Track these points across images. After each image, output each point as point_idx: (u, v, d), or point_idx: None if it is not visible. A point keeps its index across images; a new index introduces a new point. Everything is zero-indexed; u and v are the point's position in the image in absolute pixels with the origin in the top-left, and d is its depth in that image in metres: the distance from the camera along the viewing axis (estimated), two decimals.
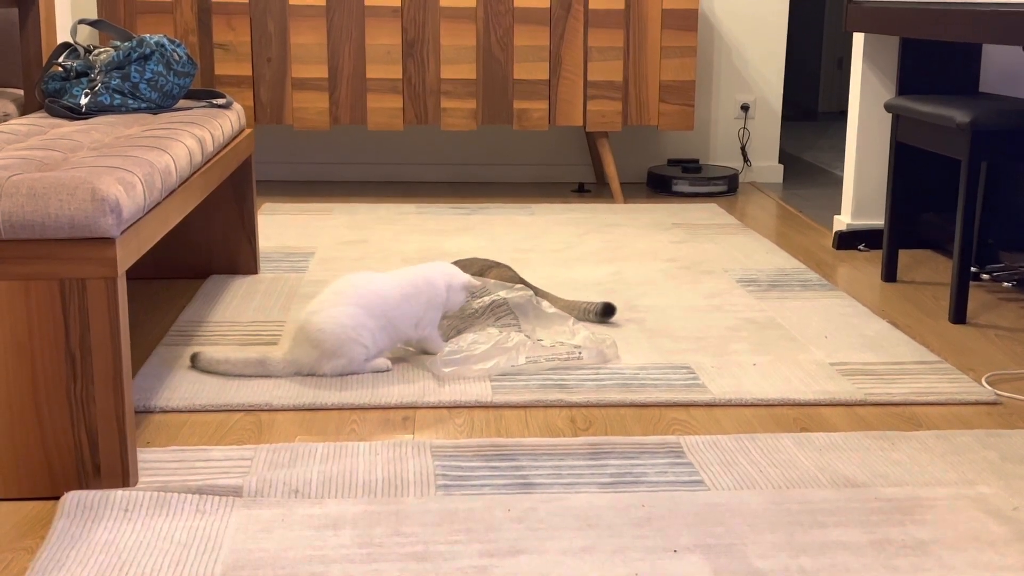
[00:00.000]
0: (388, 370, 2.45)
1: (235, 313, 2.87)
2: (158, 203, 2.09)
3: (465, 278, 2.54)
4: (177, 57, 2.85)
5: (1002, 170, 3.41)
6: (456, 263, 2.72)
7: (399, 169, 4.99)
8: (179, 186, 2.27)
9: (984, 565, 1.66)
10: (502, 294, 2.65)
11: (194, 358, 2.46)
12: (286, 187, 4.78)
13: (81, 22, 3.04)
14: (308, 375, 2.41)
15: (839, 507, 1.84)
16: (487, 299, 2.70)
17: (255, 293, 3.06)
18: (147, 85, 2.80)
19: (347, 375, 2.42)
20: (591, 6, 4.32)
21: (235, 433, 2.14)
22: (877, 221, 3.73)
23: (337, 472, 1.94)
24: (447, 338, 2.55)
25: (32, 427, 1.82)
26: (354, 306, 2.41)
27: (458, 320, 2.62)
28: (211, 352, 2.45)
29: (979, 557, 1.68)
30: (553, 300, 2.83)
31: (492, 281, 2.69)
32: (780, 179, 5.08)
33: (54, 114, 2.71)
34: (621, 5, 4.33)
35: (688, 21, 4.38)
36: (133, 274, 3.23)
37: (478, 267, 2.81)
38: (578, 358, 2.49)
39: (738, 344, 2.67)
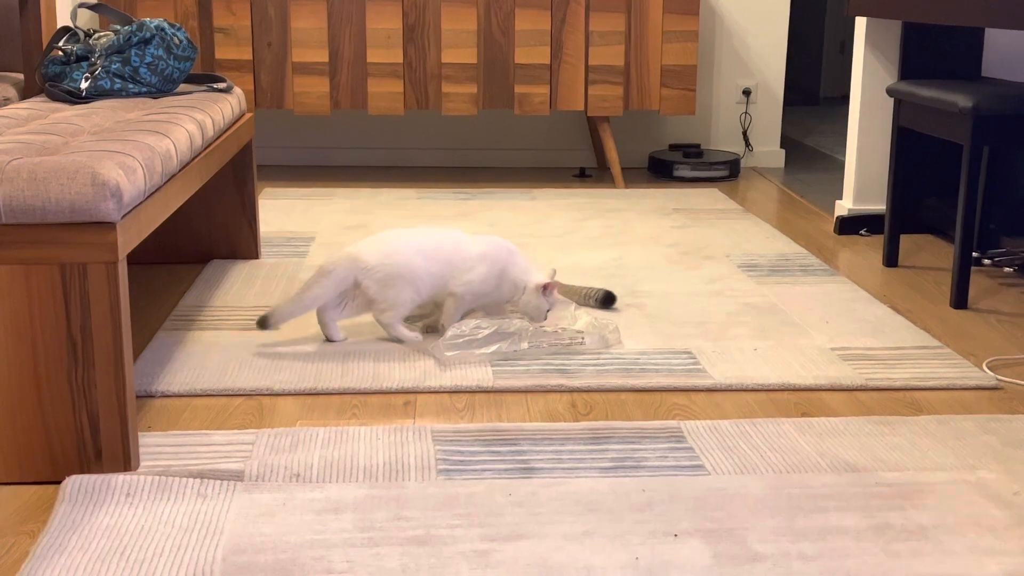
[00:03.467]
0: (418, 340, 2.50)
1: (236, 298, 2.87)
2: (159, 188, 2.09)
3: (537, 280, 2.53)
4: (177, 41, 2.85)
5: (1004, 155, 3.40)
6: None
7: (400, 154, 4.98)
8: (180, 171, 2.27)
9: (984, 550, 1.66)
10: None
11: (263, 321, 2.48)
12: (287, 172, 4.78)
13: (81, 6, 3.03)
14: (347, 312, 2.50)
15: (839, 492, 1.84)
16: None
17: (256, 278, 3.06)
18: (147, 69, 2.79)
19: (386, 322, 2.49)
20: None
21: (236, 417, 2.14)
22: (879, 206, 3.73)
23: (338, 457, 1.94)
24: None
25: (33, 412, 1.83)
26: (414, 250, 2.49)
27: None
28: (278, 311, 2.48)
29: (979, 542, 1.68)
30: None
31: None
32: (782, 164, 5.08)
33: (54, 98, 2.71)
34: None
35: (690, 5, 4.37)
36: (134, 259, 3.23)
37: None
38: (580, 343, 2.49)
39: (739, 329, 2.67)
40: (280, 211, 3.94)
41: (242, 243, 3.24)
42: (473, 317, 2.56)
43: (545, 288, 2.52)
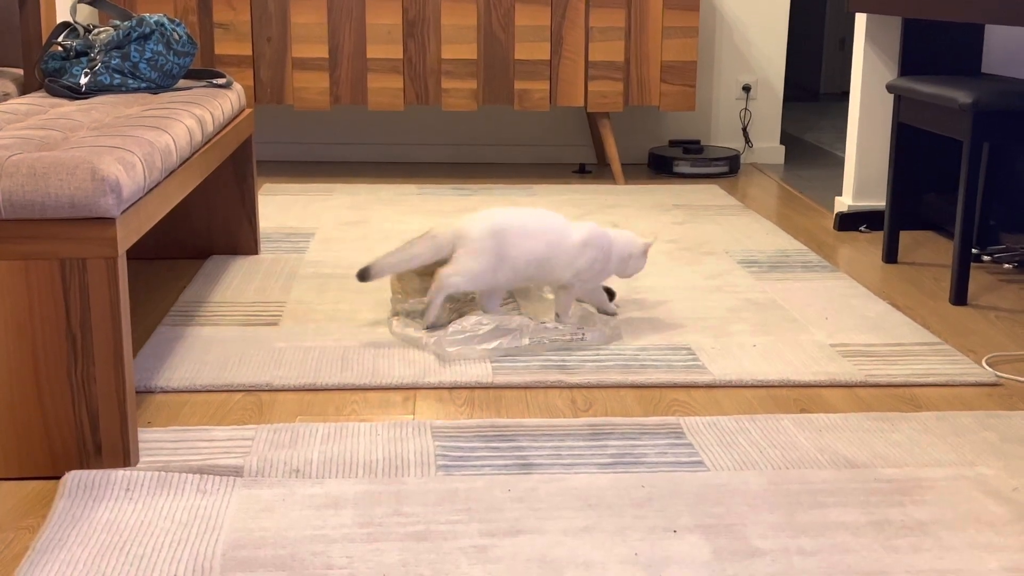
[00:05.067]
0: (438, 326, 2.52)
1: (236, 293, 2.87)
2: (158, 183, 2.09)
3: (645, 242, 2.64)
4: (177, 36, 2.84)
5: (1004, 151, 3.40)
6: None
7: (400, 149, 4.98)
8: (179, 166, 2.27)
9: (983, 545, 1.66)
10: None
11: (363, 273, 2.50)
12: (286, 167, 4.78)
13: (80, 1, 3.03)
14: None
15: (839, 488, 1.84)
16: None
17: (255, 274, 3.06)
18: (147, 64, 2.79)
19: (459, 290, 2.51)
20: None
21: (236, 413, 2.14)
22: (878, 202, 3.73)
23: (338, 452, 1.94)
24: (449, 320, 2.55)
25: (33, 407, 1.83)
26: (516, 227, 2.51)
27: (460, 303, 2.62)
28: (379, 264, 2.51)
29: (978, 537, 1.68)
30: None
31: None
32: (781, 160, 5.08)
33: (54, 94, 2.70)
34: None
35: (690, 1, 4.36)
36: (133, 254, 3.23)
37: None
38: (581, 339, 2.49)
39: (739, 325, 2.67)
40: (280, 207, 3.94)
41: (242, 239, 3.24)
42: (474, 313, 2.56)
43: (647, 248, 2.65)
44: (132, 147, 1.96)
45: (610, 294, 2.82)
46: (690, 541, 1.66)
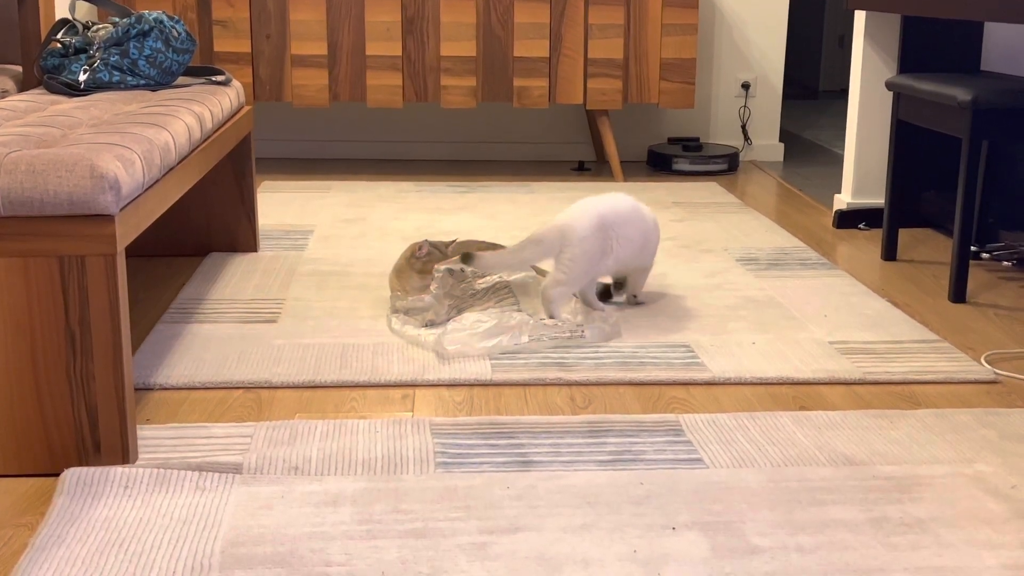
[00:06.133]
0: (602, 311, 2.61)
1: (234, 291, 2.87)
2: (157, 180, 2.09)
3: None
4: (176, 34, 2.84)
5: (1003, 149, 3.40)
6: (452, 244, 2.72)
7: (398, 147, 4.98)
8: (178, 163, 2.27)
9: (981, 543, 1.66)
10: (505, 276, 2.65)
11: (467, 257, 2.52)
12: (285, 165, 4.77)
13: None
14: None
15: (837, 485, 1.84)
16: (491, 280, 2.70)
17: (254, 271, 3.06)
18: (146, 62, 2.79)
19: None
20: None
21: (235, 410, 2.14)
22: (877, 200, 3.73)
23: (337, 449, 1.94)
24: (448, 318, 2.55)
25: (32, 404, 1.83)
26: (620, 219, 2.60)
27: (459, 300, 2.62)
28: (485, 259, 2.55)
29: (976, 535, 1.69)
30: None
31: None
32: (780, 158, 5.07)
33: (53, 91, 2.70)
34: None
35: None
36: (132, 251, 3.23)
37: (474, 248, 2.81)
38: (581, 336, 2.49)
39: (737, 323, 2.67)
40: (279, 204, 3.94)
41: (241, 236, 3.24)
42: (473, 311, 2.56)
43: None
44: (131, 144, 1.96)
45: (608, 293, 2.82)
46: (688, 538, 1.66)
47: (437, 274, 2.58)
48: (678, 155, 4.74)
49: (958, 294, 2.89)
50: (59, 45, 2.83)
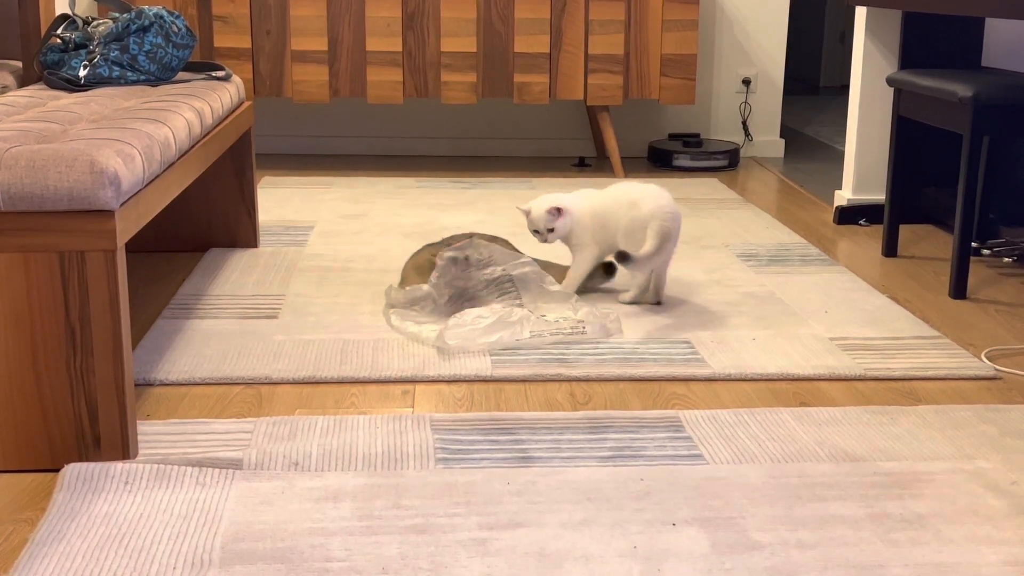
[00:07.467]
0: (636, 304, 2.73)
1: (235, 287, 2.87)
2: (157, 176, 2.08)
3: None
4: (176, 29, 2.84)
5: (1004, 145, 3.40)
6: (453, 238, 2.72)
7: (399, 142, 4.98)
8: (178, 159, 2.27)
9: (982, 539, 1.66)
10: (509, 269, 2.65)
11: (623, 255, 2.56)
12: (286, 160, 4.77)
13: None
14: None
15: (838, 481, 1.84)
16: (494, 272, 2.70)
17: (255, 267, 3.06)
18: (146, 57, 2.79)
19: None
20: None
21: (235, 406, 2.14)
22: (878, 196, 3.73)
23: (337, 445, 1.94)
24: (450, 313, 2.55)
25: (32, 399, 1.83)
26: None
27: (461, 291, 2.62)
28: (641, 260, 2.59)
29: (977, 531, 1.69)
30: (555, 269, 2.83)
31: (500, 248, 2.68)
32: (781, 154, 5.07)
33: (53, 86, 2.70)
34: None
35: None
36: (132, 247, 3.23)
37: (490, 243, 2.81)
38: (582, 332, 2.49)
39: (738, 319, 2.67)
40: (279, 200, 3.93)
41: (241, 232, 3.24)
42: (473, 306, 2.56)
43: None
44: (131, 140, 1.96)
45: (611, 269, 2.86)
46: (689, 534, 1.66)
47: (440, 262, 2.58)
48: (679, 151, 4.74)
49: (959, 290, 2.89)
50: (59, 40, 2.83)
